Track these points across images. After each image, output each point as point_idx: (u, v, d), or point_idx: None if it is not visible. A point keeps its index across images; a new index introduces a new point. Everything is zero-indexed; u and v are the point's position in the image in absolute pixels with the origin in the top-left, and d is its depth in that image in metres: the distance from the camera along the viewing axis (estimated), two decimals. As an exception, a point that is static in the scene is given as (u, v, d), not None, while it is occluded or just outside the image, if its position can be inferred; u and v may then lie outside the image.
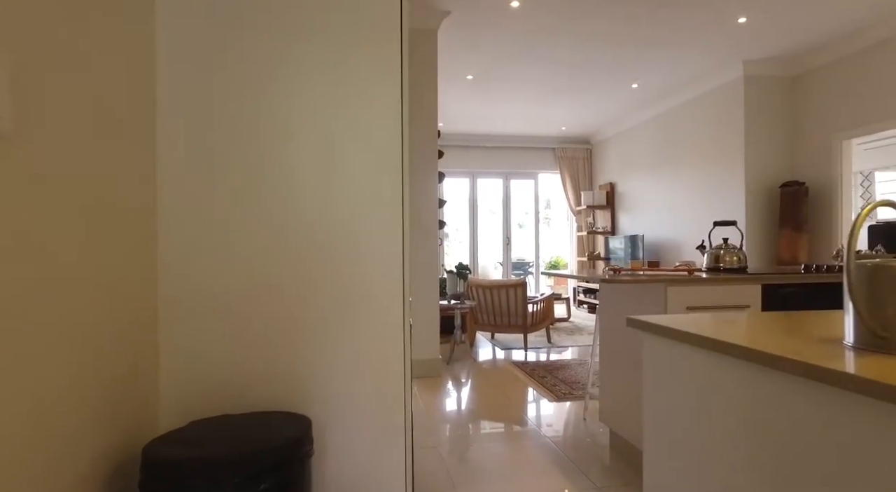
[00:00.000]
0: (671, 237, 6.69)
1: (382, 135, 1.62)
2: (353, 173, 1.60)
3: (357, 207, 1.61)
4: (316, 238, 1.58)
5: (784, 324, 1.10)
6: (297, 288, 1.57)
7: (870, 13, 4.25)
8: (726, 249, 2.71)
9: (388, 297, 1.63)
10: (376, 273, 1.62)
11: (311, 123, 1.57)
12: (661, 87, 6.11)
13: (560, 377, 4.14)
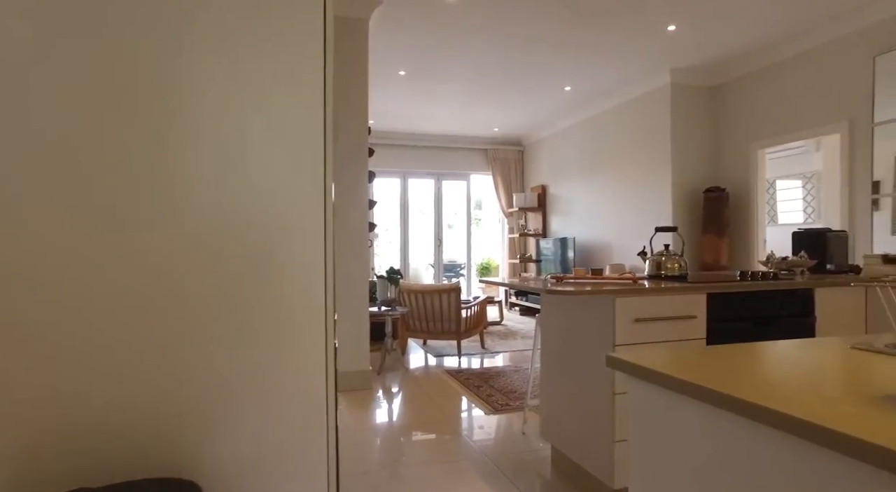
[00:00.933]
0: (602, 240, 6.78)
1: (301, 126, 1.35)
2: (261, 169, 1.32)
3: (267, 210, 1.33)
4: (211, 246, 1.28)
5: (796, 363, 0.96)
6: (184, 309, 1.26)
7: (782, 30, 4.43)
8: (668, 255, 2.65)
9: (308, 316, 1.36)
10: (293, 288, 1.34)
11: (209, 109, 1.27)
12: (592, 90, 6.15)
13: (496, 386, 3.99)
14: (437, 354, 5.29)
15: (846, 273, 2.90)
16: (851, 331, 2.50)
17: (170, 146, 1.24)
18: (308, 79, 1.35)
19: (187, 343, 1.26)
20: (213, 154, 1.27)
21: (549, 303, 2.57)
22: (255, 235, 1.31)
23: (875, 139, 4.21)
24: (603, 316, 2.12)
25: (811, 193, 8.30)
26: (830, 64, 4.46)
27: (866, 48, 4.19)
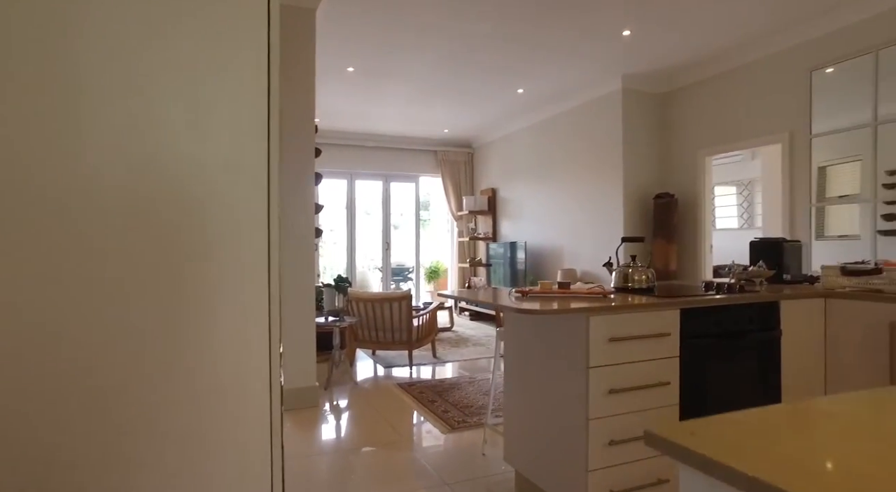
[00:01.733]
0: (553, 244, 6.75)
1: (238, 118, 1.11)
2: (183, 167, 1.07)
3: (199, 213, 1.08)
4: (116, 268, 1.02)
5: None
6: (90, 328, 1.00)
7: (728, 42, 4.50)
8: (635, 267, 2.55)
9: (248, 341, 1.12)
10: (228, 307, 1.10)
11: (113, 89, 1.01)
12: (545, 93, 6.10)
13: (451, 401, 3.81)
14: (388, 364, 5.06)
15: (802, 283, 2.91)
16: (812, 345, 2.49)
17: (63, 134, 0.97)
18: (247, 62, 1.11)
19: (97, 377, 0.99)
20: (119, 147, 1.01)
21: (514, 318, 2.41)
22: (179, 248, 1.06)
23: (813, 150, 4.34)
24: (575, 335, 1.97)
25: (748, 199, 8.65)
26: (772, 77, 4.57)
27: (804, 63, 4.31)
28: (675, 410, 2.08)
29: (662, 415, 2.05)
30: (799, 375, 2.44)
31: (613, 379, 1.95)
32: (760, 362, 2.33)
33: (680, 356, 2.09)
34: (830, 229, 4.36)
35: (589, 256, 6.08)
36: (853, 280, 2.53)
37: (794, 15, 4.01)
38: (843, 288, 2.54)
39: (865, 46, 3.90)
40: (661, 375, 2.05)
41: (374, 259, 8.89)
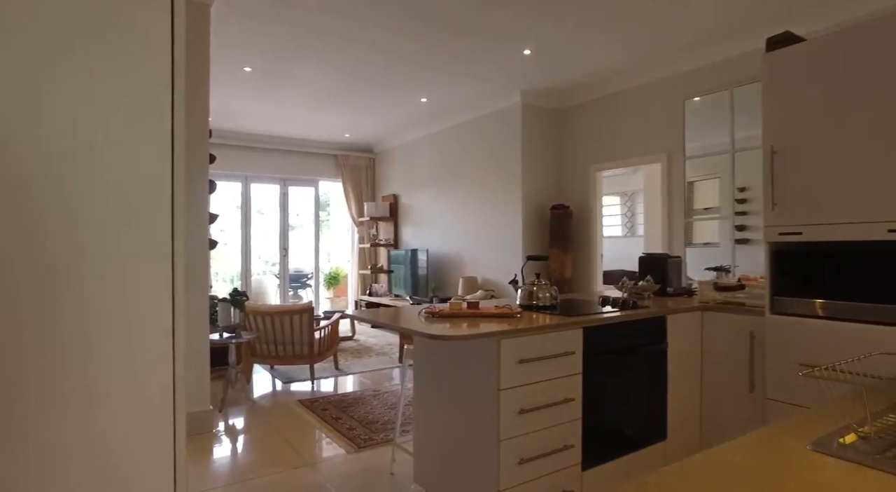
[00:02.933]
0: (454, 252, 6.86)
1: (138, 115, 1.00)
2: (77, 170, 0.95)
3: (94, 222, 0.96)
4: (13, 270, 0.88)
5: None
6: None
7: (616, 66, 4.86)
8: (539, 285, 2.66)
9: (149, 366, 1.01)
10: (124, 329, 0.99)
11: None
12: (448, 104, 6.18)
13: (357, 417, 3.73)
14: (287, 379, 4.85)
15: (682, 295, 3.22)
16: (691, 354, 2.75)
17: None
18: (149, 56, 1.01)
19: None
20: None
21: (425, 339, 2.41)
22: (55, 269, 0.93)
23: (686, 170, 4.82)
24: (486, 358, 2.01)
25: (630, 209, 9.40)
26: (654, 101, 5.01)
27: (678, 92, 4.78)
28: (578, 424, 2.20)
29: (567, 430, 2.16)
30: (681, 382, 2.68)
31: (523, 399, 2.02)
32: (650, 373, 2.54)
33: (583, 373, 2.22)
34: (697, 238, 4.87)
35: (490, 265, 6.26)
36: (723, 294, 2.83)
37: (670, 49, 4.42)
38: (715, 302, 2.84)
39: (725, 83, 4.40)
40: (567, 391, 2.16)
41: (268, 262, 8.49)
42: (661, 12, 3.71)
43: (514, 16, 3.80)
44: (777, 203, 2.46)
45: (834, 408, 0.98)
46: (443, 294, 6.81)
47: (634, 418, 2.46)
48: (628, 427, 2.43)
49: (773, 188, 2.48)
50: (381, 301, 7.60)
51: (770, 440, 0.81)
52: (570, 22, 3.90)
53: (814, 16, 3.67)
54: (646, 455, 2.50)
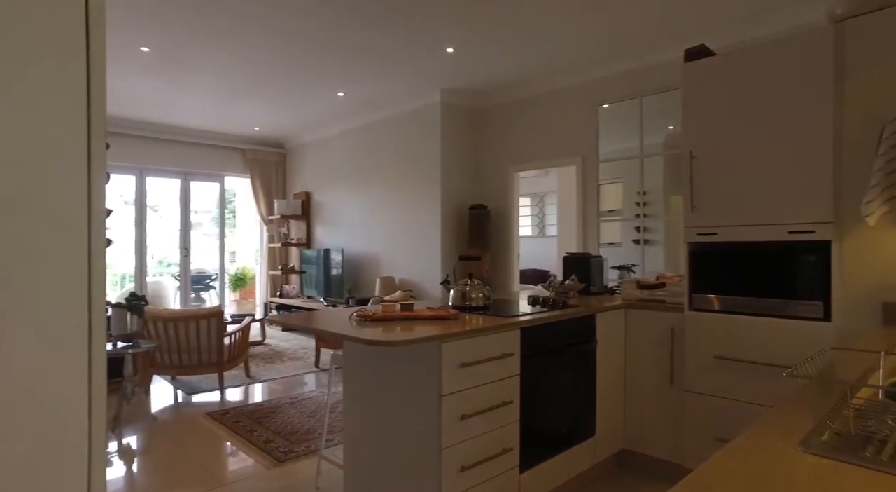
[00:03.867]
0: (371, 252, 6.69)
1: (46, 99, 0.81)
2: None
3: None
4: None
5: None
6: None
7: (535, 70, 4.97)
8: (472, 285, 2.62)
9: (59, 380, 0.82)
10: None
11: None
12: (366, 99, 6.01)
13: (274, 428, 3.49)
14: (192, 389, 4.45)
15: (604, 294, 3.32)
16: (617, 350, 2.83)
17: None
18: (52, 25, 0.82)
19: None
20: None
21: (356, 344, 2.27)
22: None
23: (600, 173, 5.04)
24: (426, 363, 1.93)
25: (542, 210, 9.73)
26: (570, 106, 5.18)
27: (592, 98, 4.98)
28: (516, 426, 2.18)
29: (506, 433, 2.13)
30: (608, 378, 2.76)
31: (465, 404, 1.95)
32: (581, 371, 2.58)
33: (521, 374, 2.20)
34: (602, 238, 5.11)
35: (408, 264, 6.17)
36: (644, 292, 2.96)
37: (586, 55, 4.58)
38: (637, 300, 2.96)
39: (634, 91, 4.64)
40: (506, 394, 2.12)
41: (162, 262, 7.82)
42: (580, 21, 3.82)
43: (439, 13, 3.74)
44: (696, 205, 2.59)
45: (796, 404, 1.00)
46: (359, 295, 6.63)
47: (567, 417, 2.49)
48: (562, 426, 2.46)
49: (692, 191, 2.61)
50: (294, 303, 7.25)
51: (760, 444, 0.80)
52: (493, 23, 3.91)
53: (723, 33, 3.95)
54: (577, 452, 2.54)
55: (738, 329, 2.46)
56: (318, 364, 5.28)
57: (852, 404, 0.93)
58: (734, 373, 2.46)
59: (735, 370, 2.46)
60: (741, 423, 2.44)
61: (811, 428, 0.87)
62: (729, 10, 3.63)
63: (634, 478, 2.78)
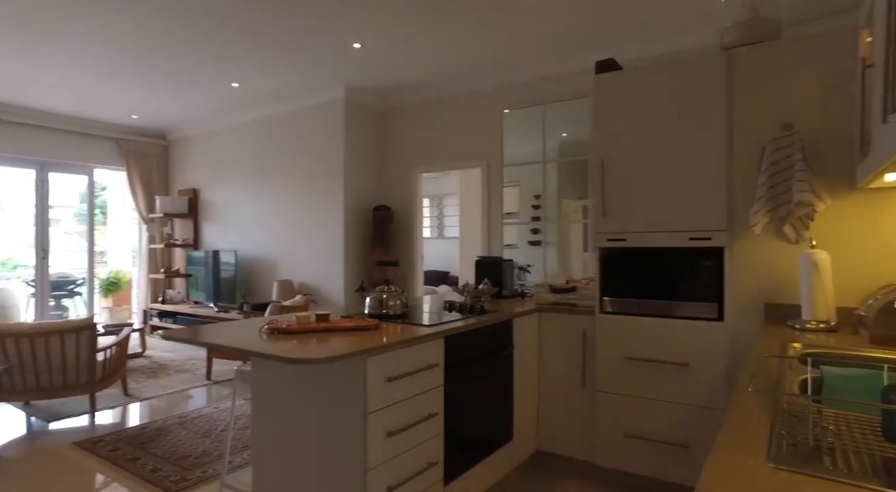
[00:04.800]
0: (268, 254, 6.29)
1: None
2: None
3: None
4: None
5: None
6: None
7: (442, 73, 4.96)
8: (389, 292, 2.51)
9: None
10: None
11: None
12: (265, 91, 5.63)
13: (161, 453, 3.11)
14: (51, 416, 3.86)
15: (516, 297, 3.36)
16: (531, 354, 2.87)
17: None
18: None
19: None
20: None
21: (267, 361, 2.07)
22: None
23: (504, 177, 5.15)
24: (350, 378, 1.79)
25: (442, 211, 9.80)
26: (476, 109, 5.22)
27: (498, 103, 5.07)
28: (441, 439, 2.10)
29: (430, 447, 2.05)
30: (523, 383, 2.78)
31: (391, 421, 1.85)
32: (500, 377, 2.57)
33: (444, 385, 2.13)
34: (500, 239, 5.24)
35: (308, 267, 5.89)
36: (557, 296, 3.03)
37: (494, 61, 4.64)
38: (550, 303, 3.02)
39: (538, 99, 4.80)
40: (430, 406, 2.04)
41: (6, 265, 6.79)
42: (489, 27, 3.85)
43: (347, 4, 3.58)
44: (606, 212, 2.70)
45: (739, 413, 1.03)
46: (254, 300, 6.20)
47: (487, 424, 2.47)
48: (482, 434, 2.43)
49: (603, 199, 2.71)
50: (179, 309, 6.62)
51: (734, 463, 0.79)
52: (402, 22, 3.82)
53: (627, 48, 4.18)
54: (497, 459, 2.52)
55: (644, 330, 2.59)
56: (209, 376, 4.84)
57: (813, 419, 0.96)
58: (642, 372, 2.59)
59: (642, 369, 2.59)
60: (648, 419, 2.58)
61: (767, 439, 0.89)
62: (631, 27, 3.84)
63: (549, 478, 2.83)
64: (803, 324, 2.11)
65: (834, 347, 1.72)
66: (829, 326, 2.09)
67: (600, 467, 2.74)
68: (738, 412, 1.04)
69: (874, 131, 1.68)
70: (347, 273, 5.58)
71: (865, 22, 2.11)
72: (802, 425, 1.00)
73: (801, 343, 1.78)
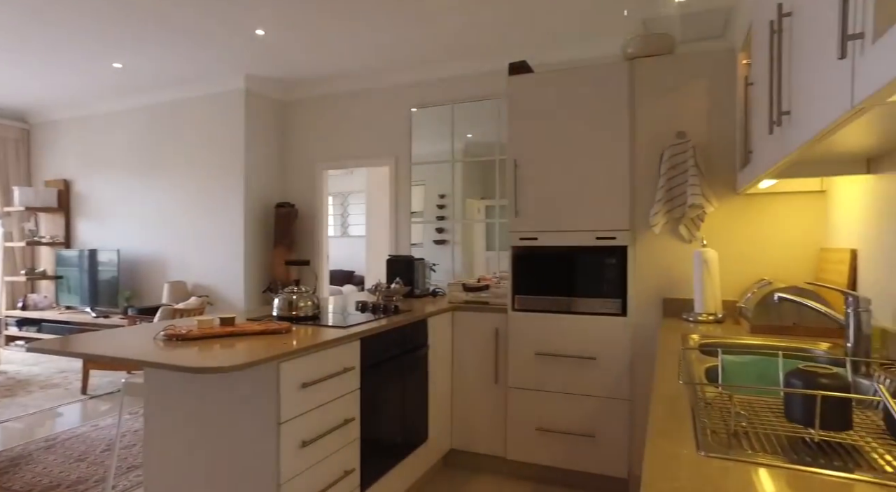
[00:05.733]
0: (157, 253, 5.76)
1: None
2: None
3: None
4: None
5: None
6: None
7: (352, 67, 4.83)
8: (300, 293, 2.37)
9: None
10: None
11: None
12: (154, 76, 5.14)
13: (23, 485, 2.71)
14: None
15: (427, 296, 3.34)
16: (446, 355, 2.87)
17: None
18: None
19: None
20: None
21: (160, 370, 1.86)
22: None
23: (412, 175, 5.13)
24: (260, 386, 1.66)
25: (346, 209, 9.58)
26: (384, 106, 5.15)
27: (407, 100, 5.04)
28: (357, 445, 2.02)
29: (347, 454, 1.96)
30: (438, 382, 2.77)
31: (305, 429, 1.74)
32: (415, 378, 2.53)
33: (361, 388, 2.05)
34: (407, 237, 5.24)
35: (204, 267, 5.47)
36: (470, 294, 3.05)
37: (402, 57, 4.60)
38: (463, 302, 3.03)
39: (447, 98, 4.83)
40: (347, 411, 1.96)
41: None
42: (397, 22, 3.80)
43: (253, -13, 3.36)
44: (519, 212, 2.76)
45: (661, 405, 1.07)
46: (141, 304, 5.65)
47: (403, 426, 2.42)
48: (398, 436, 2.37)
49: (516, 198, 2.77)
50: (46, 316, 5.86)
51: (669, 453, 0.82)
52: (309, 10, 3.66)
53: (542, 53, 4.30)
54: (413, 460, 2.48)
55: (555, 327, 2.68)
56: (85, 391, 4.32)
57: (733, 409, 1.02)
58: (552, 367, 2.68)
59: (553, 365, 2.68)
60: (558, 412, 2.67)
61: (692, 428, 0.94)
62: (541, 33, 3.97)
63: (464, 475, 2.84)
64: (696, 317, 2.30)
65: (725, 337, 1.88)
66: (717, 318, 2.29)
67: (513, 461, 2.80)
68: (662, 403, 1.09)
69: (758, 142, 1.85)
70: (248, 273, 5.26)
71: (742, 46, 2.33)
72: (717, 412, 1.07)
73: (698, 334, 1.92)
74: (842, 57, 0.84)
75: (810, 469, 0.77)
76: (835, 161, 1.73)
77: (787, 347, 1.62)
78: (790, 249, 2.38)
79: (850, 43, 0.83)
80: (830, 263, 2.08)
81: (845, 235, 2.01)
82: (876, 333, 1.52)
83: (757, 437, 0.96)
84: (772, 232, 2.41)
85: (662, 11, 3.44)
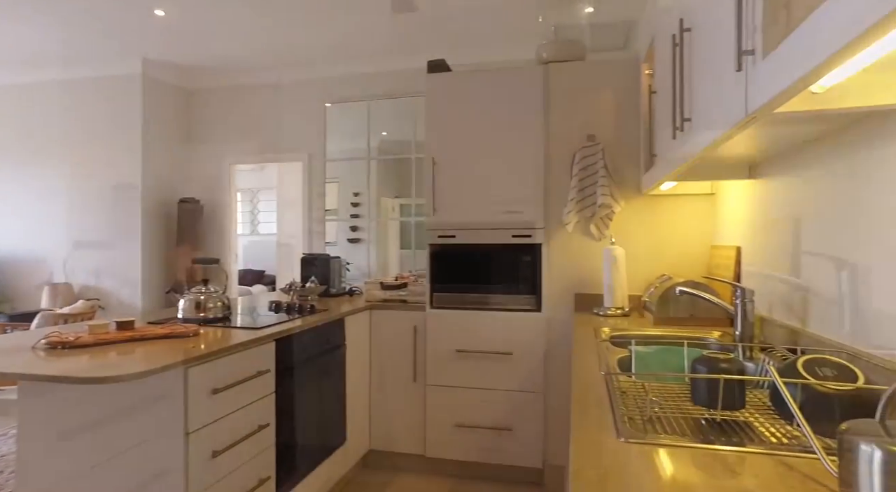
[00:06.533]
0: (36, 253, 5.17)
1: None
2: None
3: None
4: None
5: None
6: None
7: (263, 58, 4.62)
8: (208, 294, 2.23)
9: None
10: None
11: None
12: (33, 51, 4.60)
13: None
14: None
15: (344, 295, 3.27)
16: (363, 355, 2.82)
17: None
18: None
19: None
20: None
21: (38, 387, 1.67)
22: None
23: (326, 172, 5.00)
24: (165, 394, 1.53)
25: (256, 206, 9.16)
26: (297, 100, 4.97)
27: (321, 95, 4.90)
28: (272, 452, 1.93)
29: (261, 461, 1.86)
30: (356, 382, 2.71)
31: (216, 439, 1.63)
32: (332, 378, 2.46)
33: (276, 392, 1.96)
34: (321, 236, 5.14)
35: (93, 268, 4.99)
36: (387, 293, 3.02)
37: (316, 50, 4.46)
38: (380, 300, 3.00)
39: (363, 95, 4.76)
40: (261, 417, 1.86)
41: None
42: (310, 11, 3.69)
43: (153, -36, 3.10)
44: (437, 209, 2.77)
45: (585, 398, 1.12)
46: (13, 309, 5.05)
47: (321, 429, 2.34)
48: (316, 440, 2.30)
49: (434, 196, 2.78)
50: None
51: (592, 440, 0.85)
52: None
53: (459, 53, 4.33)
54: (330, 463, 2.42)
55: (472, 323, 2.72)
56: (-55, 410, 3.78)
57: (648, 397, 1.08)
58: (471, 363, 2.72)
59: (471, 361, 2.72)
60: (476, 408, 2.71)
61: (611, 416, 0.98)
62: (460, 33, 4.00)
63: (383, 475, 2.81)
64: (605, 311, 2.43)
65: (632, 329, 2.00)
66: (625, 311, 2.43)
67: (432, 459, 2.81)
68: (582, 394, 1.13)
69: (662, 146, 1.99)
70: (147, 274, 4.87)
71: (645, 57, 2.50)
72: (632, 400, 1.13)
73: (608, 327, 2.03)
74: (738, 69, 0.92)
75: (714, 447, 0.84)
76: (723, 166, 1.90)
77: (688, 337, 1.76)
78: (686, 246, 2.58)
79: (744, 57, 0.91)
80: (720, 259, 2.28)
81: (731, 233, 2.21)
82: (757, 321, 1.68)
83: (668, 421, 1.03)
84: (671, 230, 2.60)
85: (573, 20, 3.60)
